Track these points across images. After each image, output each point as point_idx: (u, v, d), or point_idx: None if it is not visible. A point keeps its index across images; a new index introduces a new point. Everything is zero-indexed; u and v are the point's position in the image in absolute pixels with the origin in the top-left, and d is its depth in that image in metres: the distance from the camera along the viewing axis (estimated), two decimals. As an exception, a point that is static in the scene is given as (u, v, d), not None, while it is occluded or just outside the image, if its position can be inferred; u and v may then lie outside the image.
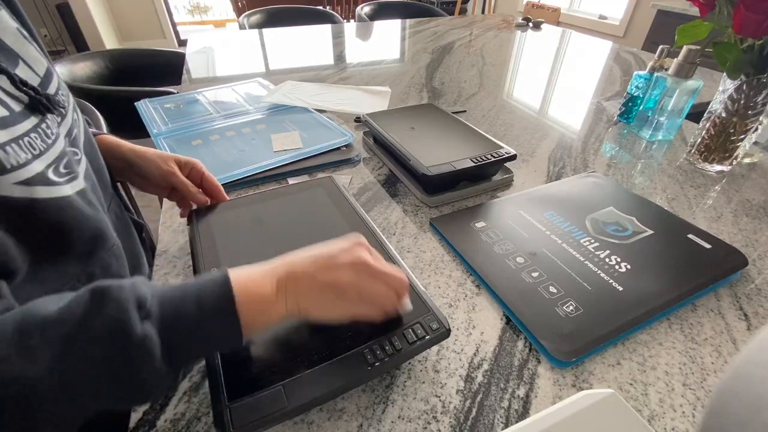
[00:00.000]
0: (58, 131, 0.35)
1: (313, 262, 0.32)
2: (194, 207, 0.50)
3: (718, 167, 0.70)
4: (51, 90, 0.37)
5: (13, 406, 0.22)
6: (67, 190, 0.34)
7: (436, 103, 0.95)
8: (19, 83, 0.32)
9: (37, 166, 0.31)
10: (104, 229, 0.39)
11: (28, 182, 0.30)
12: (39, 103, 0.33)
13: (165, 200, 0.53)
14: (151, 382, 0.26)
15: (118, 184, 0.53)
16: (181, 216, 0.52)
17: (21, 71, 0.34)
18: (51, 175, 0.32)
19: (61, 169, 0.34)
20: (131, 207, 0.57)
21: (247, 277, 0.30)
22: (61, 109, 0.37)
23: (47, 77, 0.37)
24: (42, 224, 0.32)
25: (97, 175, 0.42)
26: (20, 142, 0.30)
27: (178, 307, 0.27)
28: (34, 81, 0.35)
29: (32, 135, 0.32)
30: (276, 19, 1.89)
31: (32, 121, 0.32)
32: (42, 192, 0.31)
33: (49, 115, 0.35)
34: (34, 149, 0.31)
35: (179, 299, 0.27)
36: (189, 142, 0.73)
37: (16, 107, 0.31)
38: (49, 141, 0.33)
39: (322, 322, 0.32)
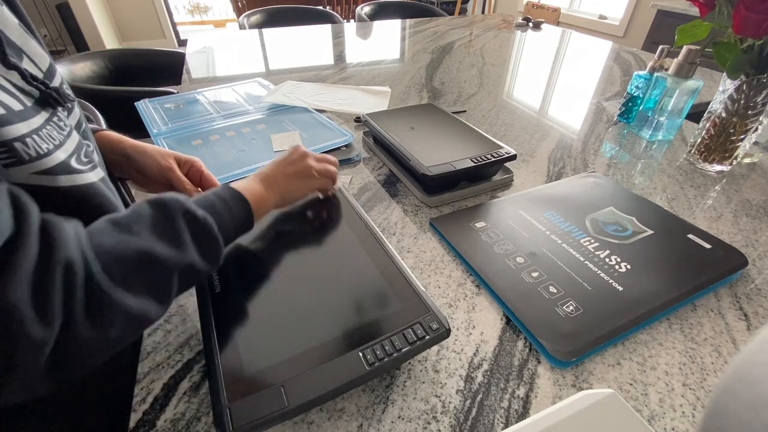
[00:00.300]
0: (70, 123, 0.36)
1: (279, 164, 0.47)
2: None
3: (718, 167, 0.70)
4: (55, 84, 0.37)
5: (144, 268, 0.29)
6: (92, 177, 0.35)
7: (436, 103, 0.95)
8: (30, 78, 0.32)
9: (60, 155, 0.32)
10: None
11: (48, 171, 0.31)
12: (50, 97, 0.34)
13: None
14: (217, 251, 0.34)
15: (119, 183, 0.53)
16: None
17: (25, 66, 0.34)
18: (74, 163, 0.33)
19: (83, 158, 0.35)
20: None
21: (243, 185, 0.41)
22: (69, 104, 0.38)
23: (50, 72, 0.37)
24: (69, 211, 0.32)
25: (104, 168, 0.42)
26: (40, 133, 0.31)
27: (211, 204, 0.36)
28: (38, 76, 0.35)
29: (48, 127, 0.32)
30: (276, 19, 1.88)
31: (44, 115, 0.32)
32: (64, 180, 0.32)
33: (59, 108, 0.35)
34: (54, 140, 0.32)
35: (208, 201, 0.36)
36: (189, 142, 0.73)
37: (28, 102, 0.32)
38: (65, 132, 0.34)
39: (296, 202, 0.48)
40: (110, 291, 0.27)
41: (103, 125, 0.84)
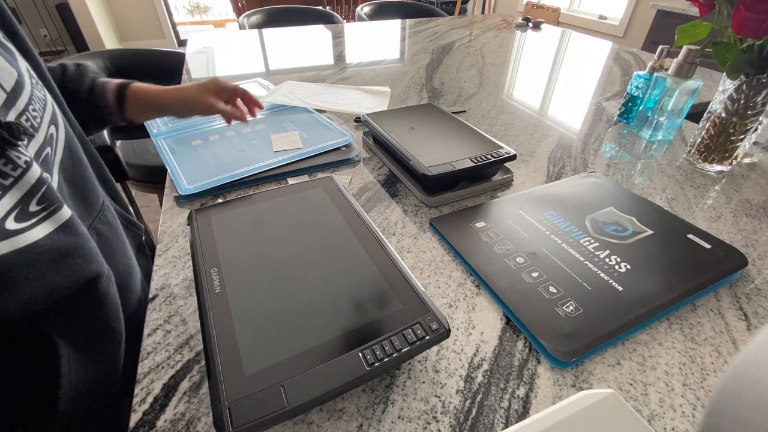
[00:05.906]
0: (29, 157, 0.30)
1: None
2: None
3: (717, 167, 0.70)
4: (18, 107, 0.31)
5: None
6: (36, 233, 0.30)
7: (436, 103, 0.95)
8: None
9: None
10: (93, 259, 0.37)
11: None
12: None
13: (165, 200, 0.53)
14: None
15: (119, 185, 0.53)
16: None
17: None
18: (9, 225, 0.28)
19: (32, 208, 0.29)
20: (130, 209, 0.56)
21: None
22: (32, 132, 0.32)
23: (15, 91, 0.31)
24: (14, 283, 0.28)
25: (78, 188, 0.38)
26: None
27: None
28: None
29: None
30: (276, 19, 1.88)
31: None
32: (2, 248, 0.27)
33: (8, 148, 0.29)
34: None
35: None
36: (189, 142, 0.73)
37: None
38: (16, 174, 0.29)
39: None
40: None
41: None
